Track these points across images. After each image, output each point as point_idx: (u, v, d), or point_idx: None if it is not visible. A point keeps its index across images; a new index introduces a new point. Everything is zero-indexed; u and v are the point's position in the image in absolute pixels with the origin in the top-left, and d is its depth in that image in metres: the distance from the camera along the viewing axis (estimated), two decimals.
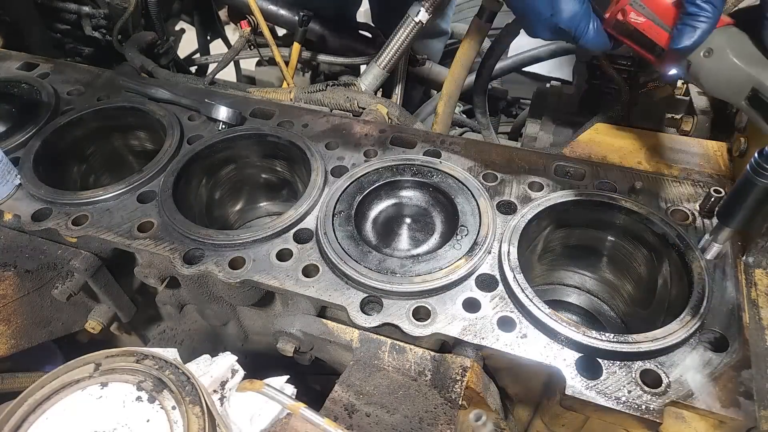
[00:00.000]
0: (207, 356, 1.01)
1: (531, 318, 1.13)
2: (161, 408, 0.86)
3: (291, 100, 1.90)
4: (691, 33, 0.98)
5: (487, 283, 1.21)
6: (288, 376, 1.04)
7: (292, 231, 1.34)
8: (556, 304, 1.54)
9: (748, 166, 1.03)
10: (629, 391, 1.02)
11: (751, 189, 1.05)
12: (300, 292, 1.21)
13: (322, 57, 2.38)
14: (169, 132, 1.60)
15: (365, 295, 1.20)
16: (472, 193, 1.38)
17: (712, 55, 1.00)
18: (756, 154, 1.01)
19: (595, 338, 1.07)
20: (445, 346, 1.20)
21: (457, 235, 1.30)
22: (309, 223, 1.36)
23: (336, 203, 1.37)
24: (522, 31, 1.58)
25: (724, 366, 1.05)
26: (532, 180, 1.42)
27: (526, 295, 1.14)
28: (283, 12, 2.33)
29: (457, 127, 3.02)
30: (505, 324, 1.14)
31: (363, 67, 2.08)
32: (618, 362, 1.06)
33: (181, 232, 1.33)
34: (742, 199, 1.08)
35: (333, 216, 1.34)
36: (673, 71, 1.08)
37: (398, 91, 2.16)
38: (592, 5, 1.13)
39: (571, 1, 1.10)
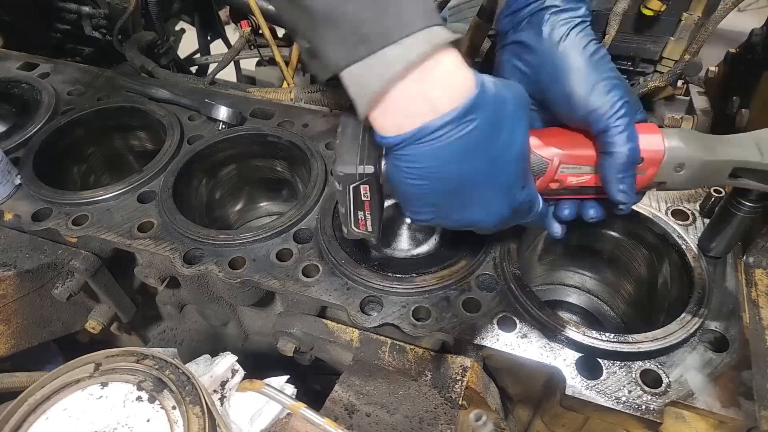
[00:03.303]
0: (207, 356, 1.02)
1: (531, 318, 1.13)
2: (161, 408, 0.86)
3: (291, 100, 1.90)
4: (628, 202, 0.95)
5: (487, 282, 1.21)
6: (288, 376, 1.04)
7: (292, 231, 1.34)
8: (556, 304, 1.55)
9: (725, 202, 1.07)
10: (629, 391, 1.02)
11: (730, 220, 1.08)
12: (300, 292, 1.21)
13: None
14: (169, 132, 1.59)
15: (365, 295, 1.20)
16: None
17: (684, 168, 0.97)
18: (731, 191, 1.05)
19: (595, 338, 1.07)
20: (445, 346, 1.20)
21: None
22: (309, 223, 1.36)
23: (336, 203, 1.37)
24: None
25: (724, 366, 1.05)
26: None
27: (527, 295, 1.14)
28: None
29: None
30: (505, 324, 1.14)
31: None
32: (618, 362, 1.06)
33: (181, 232, 1.33)
34: (723, 229, 1.12)
35: (333, 216, 1.34)
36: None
37: None
38: None
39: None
